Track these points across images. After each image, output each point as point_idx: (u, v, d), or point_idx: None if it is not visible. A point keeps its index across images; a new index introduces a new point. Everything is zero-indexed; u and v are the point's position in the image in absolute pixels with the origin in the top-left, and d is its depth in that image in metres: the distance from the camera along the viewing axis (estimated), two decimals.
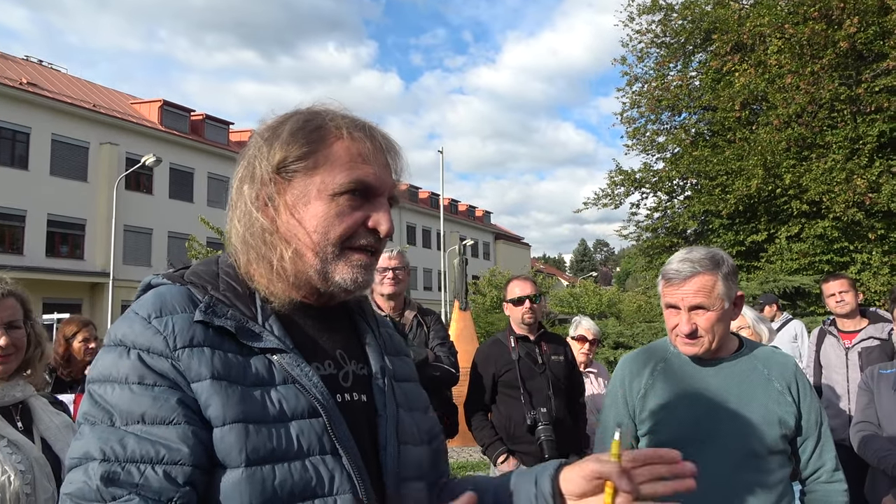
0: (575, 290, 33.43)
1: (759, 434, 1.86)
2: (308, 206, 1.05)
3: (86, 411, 0.95)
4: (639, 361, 2.07)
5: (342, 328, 1.17)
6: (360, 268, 1.07)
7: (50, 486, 1.81)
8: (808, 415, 1.93)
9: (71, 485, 0.90)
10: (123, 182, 27.21)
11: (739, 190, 13.95)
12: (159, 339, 0.97)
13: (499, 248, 60.67)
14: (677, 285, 1.90)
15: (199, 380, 0.95)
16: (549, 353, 3.76)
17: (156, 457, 0.90)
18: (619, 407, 2.05)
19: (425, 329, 3.70)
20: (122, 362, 0.96)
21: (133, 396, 0.93)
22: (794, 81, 13.45)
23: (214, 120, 34.84)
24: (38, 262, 25.33)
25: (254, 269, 1.08)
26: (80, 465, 0.91)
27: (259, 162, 1.07)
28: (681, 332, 1.90)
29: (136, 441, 0.91)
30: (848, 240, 13.58)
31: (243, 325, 1.02)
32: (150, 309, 1.00)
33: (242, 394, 0.96)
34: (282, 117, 1.11)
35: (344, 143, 1.07)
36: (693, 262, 1.89)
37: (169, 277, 1.09)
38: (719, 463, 1.85)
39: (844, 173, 12.83)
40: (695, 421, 1.89)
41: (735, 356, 1.97)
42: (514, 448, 3.61)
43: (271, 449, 0.95)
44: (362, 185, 1.06)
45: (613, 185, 17.09)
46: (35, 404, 1.97)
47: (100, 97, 30.67)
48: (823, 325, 4.60)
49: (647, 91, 16.92)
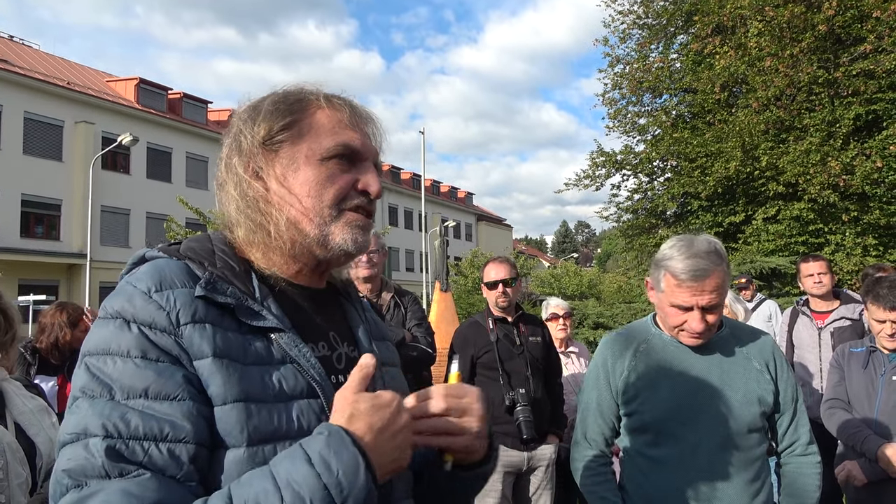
0: (556, 272, 33.60)
1: (740, 412, 1.90)
2: (298, 173, 1.07)
3: (83, 385, 0.91)
4: (620, 343, 2.07)
5: (333, 311, 1.19)
6: (358, 228, 1.10)
7: (23, 470, 1.80)
8: (784, 391, 1.98)
9: (69, 461, 0.86)
10: (100, 161, 26.73)
11: (718, 172, 14.07)
12: (162, 315, 0.94)
13: (481, 229, 60.72)
14: (692, 286, 1.84)
15: (201, 357, 0.94)
16: (527, 335, 3.79)
17: (160, 434, 0.88)
18: (602, 388, 2.05)
19: (402, 310, 3.72)
20: (123, 335, 0.93)
21: (136, 370, 0.90)
22: (773, 64, 13.53)
23: (192, 99, 34.26)
24: (13, 243, 24.88)
25: (252, 239, 1.09)
26: (78, 440, 0.87)
27: (244, 137, 1.09)
28: (693, 330, 1.87)
29: (140, 417, 0.88)
30: (822, 221, 13.79)
31: (243, 302, 1.01)
32: (150, 282, 0.98)
33: (243, 372, 0.96)
34: (261, 97, 1.14)
35: (325, 111, 1.11)
36: (703, 259, 1.83)
37: (164, 251, 1.07)
38: (702, 441, 1.89)
39: (819, 155, 12.98)
40: (678, 401, 1.92)
41: (716, 336, 1.99)
42: (492, 428, 3.64)
43: (273, 429, 0.95)
44: (349, 150, 1.09)
45: (595, 166, 17.14)
46: (7, 388, 1.95)
47: (74, 74, 29.99)
48: (796, 305, 4.68)
49: (628, 72, 16.92)
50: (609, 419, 2.05)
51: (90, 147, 27.20)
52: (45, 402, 2.11)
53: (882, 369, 2.93)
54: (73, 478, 0.84)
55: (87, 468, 0.84)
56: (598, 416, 2.06)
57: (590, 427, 2.06)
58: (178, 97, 33.36)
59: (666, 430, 1.91)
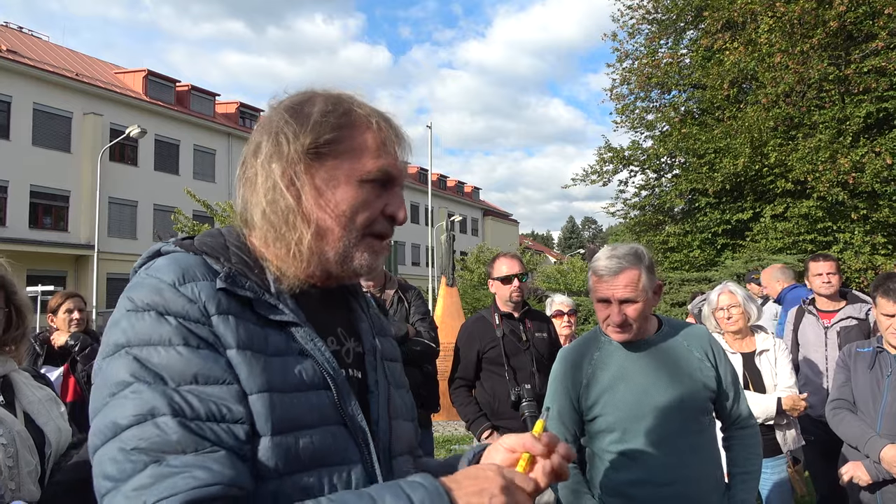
0: (562, 267, 33.59)
1: (690, 400, 2.11)
2: (336, 190, 1.07)
3: (133, 372, 0.91)
4: (576, 354, 2.26)
5: (340, 307, 1.21)
6: (374, 253, 1.11)
7: (33, 459, 1.82)
8: (724, 375, 2.21)
9: (140, 440, 0.86)
10: (108, 153, 26.83)
11: (726, 168, 14.01)
12: (194, 308, 0.96)
13: (487, 224, 60.70)
14: (608, 281, 2.08)
15: (228, 348, 0.96)
16: (534, 330, 3.80)
17: (219, 415, 0.90)
18: (561, 399, 2.22)
19: (406, 305, 3.72)
20: (161, 326, 0.94)
21: (181, 358, 0.92)
22: (783, 60, 13.45)
23: (200, 91, 34.34)
24: (22, 234, 25.05)
25: (269, 247, 1.08)
26: (145, 421, 0.87)
27: (286, 141, 1.06)
28: (612, 322, 2.10)
29: (199, 401, 0.90)
30: (831, 219, 13.73)
31: (261, 296, 1.03)
32: (174, 275, 0.98)
33: (266, 363, 0.98)
34: (304, 96, 1.12)
35: (372, 132, 1.10)
36: (619, 259, 2.08)
37: (180, 245, 1.08)
38: (660, 431, 2.07)
39: (829, 153, 12.91)
40: (635, 399, 2.11)
41: (658, 336, 2.20)
42: (498, 424, 3.65)
43: (294, 418, 0.97)
44: (387, 175, 1.10)
45: (602, 161, 17.11)
46: (17, 378, 1.97)
47: (83, 66, 30.09)
48: (802, 304, 4.66)
49: (637, 68, 16.86)
50: (571, 427, 2.22)
51: (98, 138, 27.32)
52: (53, 392, 2.13)
53: (888, 370, 2.92)
54: (150, 454, 0.85)
55: (163, 444, 0.86)
56: (560, 425, 2.22)
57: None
58: (185, 89, 33.43)
59: (629, 427, 2.09)
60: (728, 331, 3.69)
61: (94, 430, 0.91)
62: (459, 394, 3.79)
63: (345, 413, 1.04)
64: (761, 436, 3.53)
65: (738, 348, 3.67)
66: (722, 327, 3.70)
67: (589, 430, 2.21)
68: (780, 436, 3.55)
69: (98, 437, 0.90)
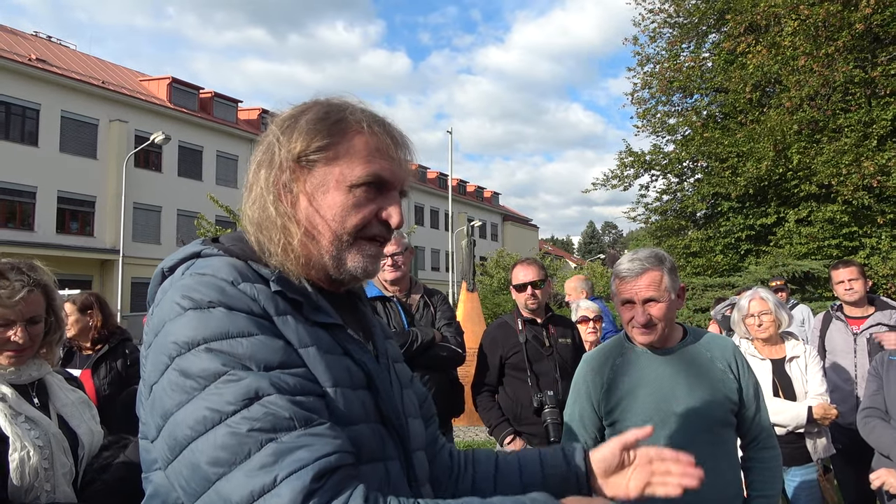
0: (582, 273, 33.39)
1: (710, 410, 2.11)
2: (326, 196, 1.10)
3: (223, 362, 0.92)
4: (599, 359, 2.28)
5: (354, 311, 1.25)
6: (370, 257, 1.13)
7: (67, 460, 1.85)
8: (747, 388, 2.20)
9: (254, 421, 0.88)
10: (133, 159, 27.25)
11: (749, 172, 13.84)
12: (257, 306, 0.99)
13: (507, 229, 60.57)
14: (631, 282, 2.11)
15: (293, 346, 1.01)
16: (557, 336, 3.77)
17: (315, 392, 0.97)
18: (583, 403, 2.25)
19: (432, 310, 3.71)
20: (234, 320, 0.96)
21: (263, 346, 0.95)
22: (807, 63, 13.26)
23: (223, 98, 34.76)
24: (49, 239, 25.50)
25: (267, 250, 1.10)
26: (252, 403, 0.89)
27: (279, 149, 1.10)
28: (637, 322, 2.11)
29: (295, 380, 0.95)
30: (857, 224, 13.48)
31: (308, 298, 1.07)
32: (231, 274, 1.01)
33: (328, 360, 1.03)
34: (301, 106, 1.15)
35: (363, 137, 1.12)
36: (641, 261, 2.12)
37: (221, 248, 1.10)
38: (678, 440, 2.06)
39: (853, 156, 12.68)
40: (654, 405, 2.11)
41: (681, 344, 2.21)
42: (520, 429, 3.64)
43: (349, 413, 1.02)
44: (378, 179, 1.11)
45: (623, 166, 16.99)
46: (51, 381, 2.01)
47: (108, 74, 30.62)
48: (830, 310, 4.59)
49: (658, 72, 16.74)
50: (591, 430, 2.23)
51: (124, 145, 27.76)
52: (84, 394, 2.17)
53: None
54: (266, 433, 0.88)
55: (276, 422, 0.89)
56: (581, 428, 2.25)
57: (575, 438, 2.27)
58: (209, 96, 33.86)
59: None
60: (758, 337, 3.63)
61: (179, 424, 0.91)
62: (483, 399, 3.78)
63: (385, 411, 1.09)
64: (791, 444, 3.49)
65: (767, 354, 3.62)
66: (752, 334, 3.65)
67: (608, 435, 2.22)
68: (811, 444, 3.49)
69: (189, 430, 0.90)
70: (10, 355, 1.84)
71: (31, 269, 1.94)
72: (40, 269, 1.98)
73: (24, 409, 1.84)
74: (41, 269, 1.98)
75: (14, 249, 21.96)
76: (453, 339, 3.61)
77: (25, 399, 1.87)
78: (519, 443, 3.60)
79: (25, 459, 1.74)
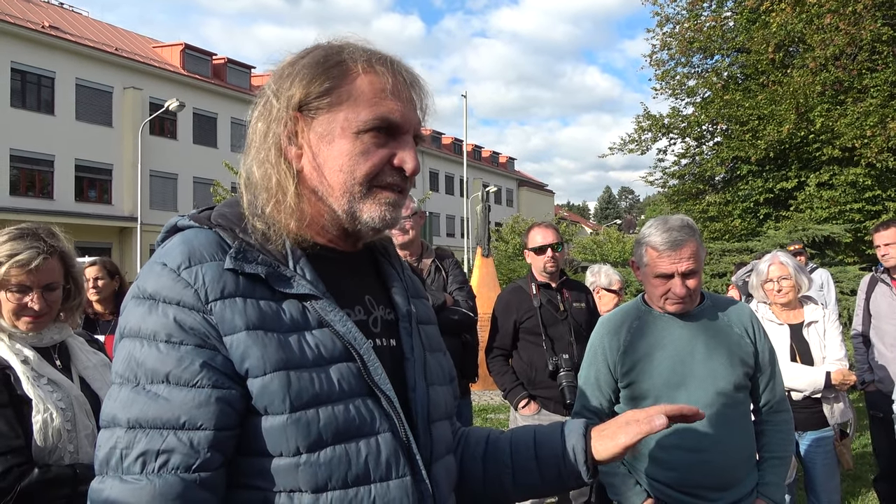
0: (598, 238, 33.25)
1: (726, 373, 2.13)
2: (332, 145, 1.03)
3: (116, 369, 0.97)
4: (615, 322, 2.29)
5: (368, 273, 1.17)
6: (388, 205, 1.05)
7: (90, 422, 1.89)
8: (762, 353, 2.22)
9: (100, 449, 0.94)
10: (148, 127, 27.29)
11: (770, 135, 13.57)
12: (190, 293, 0.95)
13: (522, 195, 60.21)
14: (670, 255, 2.07)
15: (234, 332, 0.95)
16: (571, 300, 3.77)
17: (177, 423, 0.92)
18: (599, 365, 2.26)
19: (443, 274, 3.71)
20: (150, 318, 0.95)
21: (159, 355, 0.93)
22: (833, 21, 12.86)
23: (236, 64, 34.51)
24: (68, 207, 25.75)
25: (269, 209, 1.04)
26: (109, 427, 0.94)
27: (278, 100, 1.03)
28: (677, 295, 2.09)
29: (159, 406, 0.92)
30: (880, 187, 13.23)
31: (274, 270, 1.00)
32: (179, 259, 0.97)
33: (280, 341, 0.96)
34: (301, 53, 1.07)
35: (367, 77, 1.03)
36: (678, 231, 2.07)
37: (196, 219, 1.06)
38: (694, 402, 2.04)
39: (878, 117, 12.36)
40: (670, 368, 2.13)
41: (699, 308, 2.21)
42: (535, 393, 3.66)
43: (314, 393, 0.96)
44: (387, 123, 1.03)
45: (641, 130, 16.74)
46: (72, 344, 2.03)
47: (122, 41, 30.48)
48: (875, 273, 4.45)
49: (678, 32, 16.33)
50: (606, 392, 2.24)
51: (138, 112, 27.76)
52: (106, 357, 2.20)
53: None
54: (101, 467, 0.93)
55: (111, 461, 0.93)
56: (597, 390, 2.25)
57: (590, 400, 2.28)
58: (222, 63, 33.64)
59: (663, 395, 2.11)
60: (777, 302, 3.59)
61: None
62: (496, 363, 3.80)
63: (371, 383, 1.01)
64: (808, 409, 3.47)
65: (785, 319, 3.58)
66: (771, 299, 3.61)
67: (623, 397, 2.24)
68: (828, 409, 3.47)
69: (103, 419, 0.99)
70: (27, 321, 1.87)
71: (51, 234, 1.95)
72: (59, 235, 1.99)
73: (46, 371, 1.87)
74: (59, 236, 1.99)
75: (35, 218, 22.23)
76: (465, 302, 3.61)
77: (48, 361, 1.90)
78: (533, 406, 3.63)
79: (49, 421, 1.77)
